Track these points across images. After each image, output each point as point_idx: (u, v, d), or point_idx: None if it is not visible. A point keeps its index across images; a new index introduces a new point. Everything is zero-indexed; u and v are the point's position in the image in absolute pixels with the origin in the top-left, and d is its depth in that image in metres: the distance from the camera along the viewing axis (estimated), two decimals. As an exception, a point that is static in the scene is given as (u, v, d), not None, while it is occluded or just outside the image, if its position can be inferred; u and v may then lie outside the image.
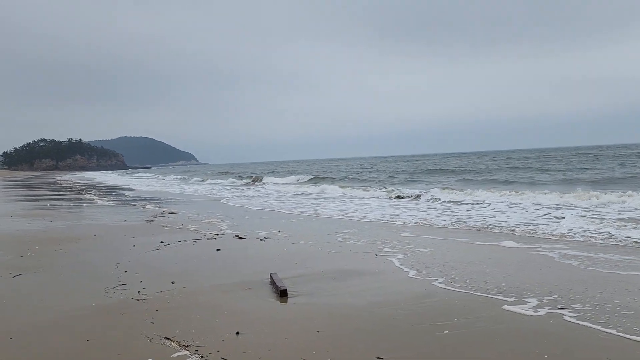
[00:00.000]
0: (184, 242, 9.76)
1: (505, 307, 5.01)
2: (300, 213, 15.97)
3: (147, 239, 10.11)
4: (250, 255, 8.29)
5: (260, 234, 10.94)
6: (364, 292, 5.71)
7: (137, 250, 8.81)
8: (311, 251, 8.63)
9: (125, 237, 10.54)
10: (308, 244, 9.37)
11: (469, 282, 6.07)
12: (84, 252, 8.61)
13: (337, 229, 11.47)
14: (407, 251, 8.33)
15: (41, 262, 7.71)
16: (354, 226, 12.02)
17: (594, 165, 35.88)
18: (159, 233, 11.12)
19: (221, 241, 9.91)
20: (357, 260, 7.72)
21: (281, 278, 6.24)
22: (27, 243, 9.60)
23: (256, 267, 7.21)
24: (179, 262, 7.67)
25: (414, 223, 12.40)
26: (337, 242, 9.53)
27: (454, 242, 9.25)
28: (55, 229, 11.93)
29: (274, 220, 13.79)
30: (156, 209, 17.67)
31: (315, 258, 7.96)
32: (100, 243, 9.71)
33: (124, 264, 7.54)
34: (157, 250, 8.77)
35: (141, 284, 6.16)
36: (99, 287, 6.03)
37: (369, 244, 9.26)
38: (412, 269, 6.91)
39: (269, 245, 9.34)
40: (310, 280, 6.35)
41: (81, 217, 14.93)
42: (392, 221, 12.91)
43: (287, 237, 10.44)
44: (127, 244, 9.54)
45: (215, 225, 12.52)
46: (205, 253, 8.51)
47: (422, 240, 9.48)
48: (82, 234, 10.90)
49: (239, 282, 6.27)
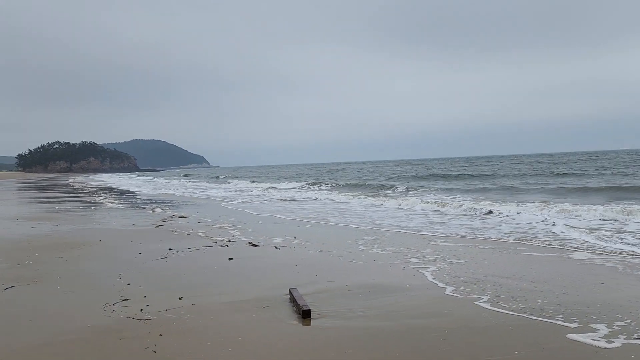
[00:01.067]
0: (194, 249, 9.08)
1: (570, 337, 4.22)
2: (318, 219, 15.24)
3: (155, 246, 9.45)
4: (265, 266, 7.58)
5: (275, 240, 10.23)
6: (399, 313, 4.96)
7: (143, 258, 8.15)
8: (332, 261, 7.89)
9: (131, 243, 9.90)
10: (327, 253, 8.63)
11: (518, 302, 5.29)
12: (86, 261, 7.96)
13: (358, 236, 10.72)
14: (439, 262, 7.56)
15: (39, 271, 7.07)
16: (375, 233, 11.26)
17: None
18: (168, 239, 10.46)
19: (233, 249, 9.22)
20: (384, 273, 6.96)
21: (302, 294, 5.51)
22: (28, 249, 8.99)
23: (273, 280, 6.49)
24: (188, 274, 6.97)
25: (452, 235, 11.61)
26: (359, 251, 8.79)
27: (490, 252, 8.44)
28: (59, 233, 11.34)
29: (288, 226, 13.08)
30: (166, 213, 17.07)
31: (336, 269, 7.22)
32: (105, 250, 9.06)
33: (127, 274, 6.86)
34: (164, 259, 8.09)
35: (145, 300, 5.47)
36: (97, 303, 5.35)
37: (395, 253, 8.49)
38: (448, 284, 6.14)
39: (285, 254, 8.62)
40: (334, 297, 5.62)
41: (88, 221, 14.35)
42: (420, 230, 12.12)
43: (304, 244, 9.72)
44: (133, 251, 8.88)
45: (227, 231, 11.84)
46: (217, 262, 7.81)
47: (453, 250, 8.69)
48: (86, 240, 10.27)
49: (254, 299, 5.55)
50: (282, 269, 7.32)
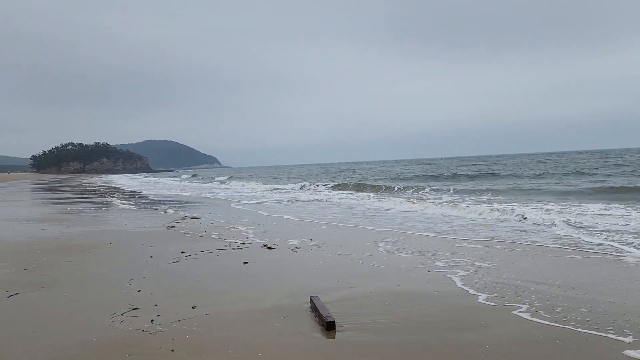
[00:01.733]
0: (207, 252, 8.73)
1: (627, 353, 3.77)
2: (333, 220, 14.83)
3: (167, 248, 9.12)
4: (282, 270, 7.19)
5: (291, 243, 9.84)
6: (431, 326, 4.54)
7: (155, 262, 7.81)
8: (351, 265, 7.48)
9: (143, 245, 9.57)
10: (346, 256, 8.22)
11: (560, 311, 4.84)
12: (95, 265, 7.64)
13: (376, 238, 10.29)
14: (466, 266, 7.11)
15: (45, 277, 6.75)
16: (394, 235, 10.81)
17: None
18: (180, 241, 10.13)
19: (248, 252, 8.85)
20: (408, 278, 6.54)
21: (323, 302, 5.12)
22: (36, 253, 8.70)
23: (291, 286, 6.10)
24: (201, 279, 6.61)
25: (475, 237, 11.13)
26: (380, 254, 8.36)
27: (522, 255, 7.96)
28: (70, 235, 11.06)
29: (303, 227, 12.68)
30: (178, 214, 16.78)
31: (357, 274, 6.81)
32: (115, 253, 8.74)
33: (138, 279, 6.52)
34: (176, 263, 7.74)
35: (156, 309, 5.11)
36: (105, 313, 5.00)
37: (418, 256, 8.06)
38: (479, 291, 5.70)
39: (302, 257, 8.23)
40: (358, 306, 5.21)
41: (99, 222, 14.09)
42: (437, 227, 11.66)
43: (321, 247, 9.32)
44: (145, 254, 8.55)
45: (241, 233, 11.49)
46: (231, 266, 7.44)
47: (481, 253, 8.23)
48: (97, 242, 9.97)
49: (272, 308, 5.16)
50: (300, 273, 6.93)
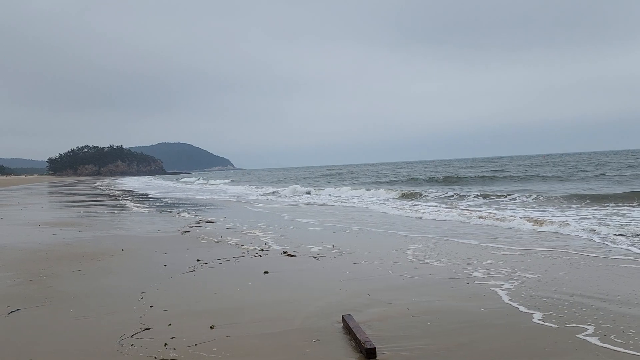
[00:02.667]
0: (224, 260, 8.18)
1: None
2: (353, 223, 14.22)
3: (181, 256, 8.59)
4: (306, 282, 6.60)
5: (312, 249, 9.26)
6: (488, 352, 3.91)
7: (169, 271, 7.27)
8: (381, 276, 6.86)
9: (156, 252, 9.06)
10: (374, 265, 7.61)
11: (634, 335, 4.18)
12: (105, 275, 7.12)
13: (402, 244, 9.66)
14: (509, 277, 6.45)
15: (51, 289, 6.25)
16: (421, 240, 10.15)
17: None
18: (195, 247, 9.60)
19: (267, 259, 8.28)
20: (446, 292, 5.90)
21: (358, 322, 4.52)
22: (44, 261, 8.23)
23: (319, 301, 5.50)
24: (219, 292, 6.05)
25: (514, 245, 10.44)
26: (409, 263, 7.74)
27: (571, 265, 7.27)
28: (81, 241, 10.60)
29: (323, 232, 12.09)
30: (192, 217, 16.30)
31: (389, 287, 6.19)
32: (127, 261, 8.24)
33: (151, 292, 5.98)
34: (191, 273, 7.20)
35: (170, 330, 4.55)
36: (113, 334, 4.45)
37: (451, 265, 7.42)
38: (532, 309, 5.05)
39: (326, 266, 7.64)
40: (397, 327, 4.60)
41: (112, 227, 13.65)
42: (462, 233, 10.98)
43: (345, 254, 8.72)
44: (158, 262, 8.03)
45: (259, 238, 10.93)
46: (251, 277, 6.88)
47: (521, 261, 7.55)
48: (108, 249, 9.49)
49: (301, 329, 4.57)
50: (327, 285, 6.33)
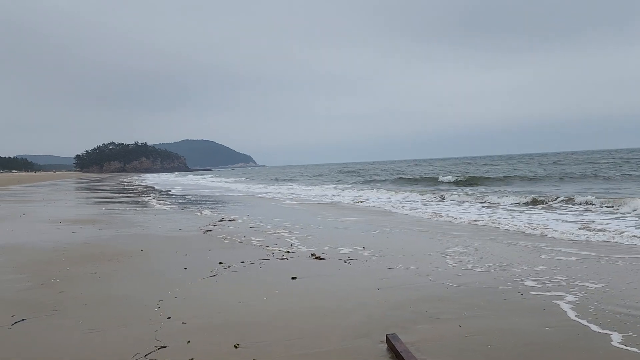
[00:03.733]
0: (248, 263, 7.61)
1: None
2: (383, 224, 13.54)
3: (203, 257, 8.06)
4: (338, 290, 5.96)
5: (342, 252, 8.63)
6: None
7: (189, 276, 6.73)
8: (422, 284, 6.18)
9: (176, 253, 8.55)
10: (411, 271, 6.94)
11: None
12: (121, 279, 6.62)
13: (439, 246, 8.94)
14: (569, 288, 5.70)
15: (62, 295, 5.76)
16: (459, 242, 9.41)
17: None
18: (217, 248, 9.07)
19: (294, 262, 7.69)
20: (500, 304, 5.20)
21: (405, 343, 3.87)
22: (59, 262, 7.79)
23: (356, 315, 4.87)
24: (244, 301, 5.46)
25: (535, 239, 9.63)
26: (450, 268, 7.04)
27: (636, 271, 6.47)
28: (99, 240, 10.18)
29: (351, 232, 11.44)
30: (214, 215, 15.84)
31: (433, 298, 5.52)
32: (145, 263, 7.74)
33: (168, 301, 5.44)
34: (213, 277, 6.64)
35: (188, 348, 3.98)
36: (125, 353, 3.90)
37: (498, 271, 6.69)
38: (606, 328, 4.32)
39: (358, 271, 6.99)
40: (452, 350, 3.93)
41: (133, 225, 13.25)
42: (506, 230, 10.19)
43: (377, 257, 8.06)
44: (178, 265, 7.50)
45: (284, 239, 10.35)
46: (277, 283, 6.28)
47: (579, 266, 6.77)
48: (127, 249, 9.03)
49: (339, 350, 3.94)
50: (363, 294, 5.69)
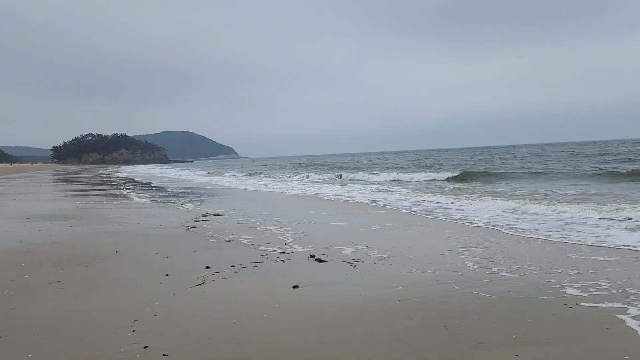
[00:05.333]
0: (240, 267, 6.62)
1: None
2: (381, 218, 12.64)
3: (187, 261, 7.05)
4: (351, 302, 5.02)
5: (344, 252, 7.70)
6: None
7: (172, 284, 5.72)
8: (447, 293, 5.28)
9: (156, 255, 7.52)
10: (428, 275, 6.04)
11: None
12: (89, 290, 5.57)
13: (451, 244, 8.06)
14: (622, 296, 4.85)
15: (14, 313, 4.69)
16: (476, 237, 8.54)
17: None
18: (203, 249, 8.06)
19: (292, 266, 6.73)
20: (549, 321, 4.33)
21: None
22: (18, 267, 6.68)
23: (382, 338, 3.93)
24: (239, 321, 4.48)
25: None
26: (472, 273, 6.16)
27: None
28: (70, 240, 9.06)
29: (349, 228, 10.51)
30: (198, 209, 14.75)
31: (468, 312, 4.62)
32: (120, 268, 6.69)
33: (146, 321, 4.43)
34: (200, 287, 5.64)
35: (171, 396, 3.00)
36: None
37: (529, 275, 5.83)
38: (698, 356, 3.47)
39: (368, 277, 6.06)
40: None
41: (108, 221, 12.11)
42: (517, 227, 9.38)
43: (385, 258, 7.16)
44: (158, 270, 6.47)
45: (276, 236, 9.38)
46: (277, 294, 5.31)
47: (619, 267, 5.93)
48: (100, 250, 7.95)
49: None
50: (382, 309, 4.75)
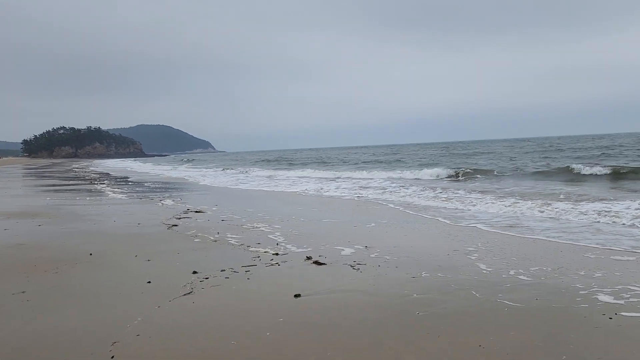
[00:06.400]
0: (231, 272, 5.92)
1: None
2: (375, 215, 12.06)
3: (171, 264, 6.32)
4: (363, 315, 4.38)
5: (343, 253, 7.06)
6: None
7: (155, 294, 4.99)
8: (470, 304, 4.69)
9: (136, 258, 6.76)
10: (442, 281, 5.45)
11: None
12: (59, 302, 4.80)
13: (457, 244, 7.50)
14: (673, 310, 4.34)
15: (-34, 334, 3.93)
16: (472, 235, 8.01)
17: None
18: (188, 250, 7.33)
19: (288, 269, 6.06)
20: (595, 338, 3.78)
21: None
22: (-24, 274, 5.85)
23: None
24: (238, 342, 3.80)
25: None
26: (489, 277, 5.60)
27: None
28: (38, 241, 8.20)
29: (345, 226, 9.87)
30: (178, 205, 13.93)
31: (500, 327, 4.04)
32: (95, 274, 5.91)
33: (128, 342, 3.72)
34: (189, 297, 4.93)
35: None
36: None
37: (551, 279, 5.29)
38: None
39: (376, 283, 5.43)
40: None
41: (81, 219, 11.22)
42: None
43: (389, 260, 6.55)
44: (139, 276, 5.73)
45: (265, 235, 8.69)
46: (278, 305, 4.64)
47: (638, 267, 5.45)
48: (72, 253, 7.13)
49: None
50: (403, 324, 4.12)
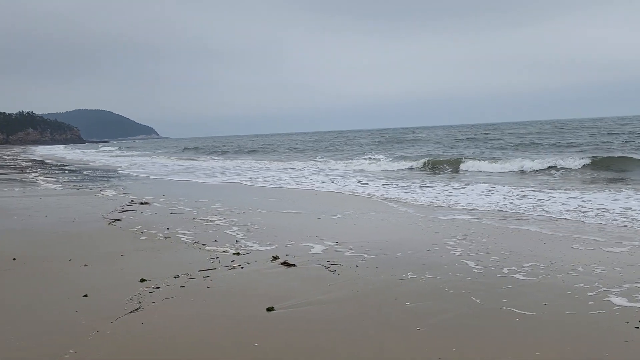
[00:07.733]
0: (187, 278, 5.04)
1: None
2: (333, 204, 11.38)
3: (113, 270, 5.35)
4: (358, 333, 3.67)
5: (313, 250, 6.32)
6: None
7: (93, 312, 4.05)
8: (471, 312, 4.09)
9: (70, 263, 5.72)
10: (431, 282, 4.83)
11: None
12: (-34, 328, 3.77)
13: (431, 235, 6.93)
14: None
15: None
16: (444, 223, 7.48)
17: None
18: (133, 250, 6.35)
19: (254, 272, 5.26)
20: (620, 348, 3.26)
21: None
22: None
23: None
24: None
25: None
26: (482, 276, 5.04)
27: None
28: (-51, 242, 6.92)
29: (305, 217, 9.12)
30: (120, 196, 12.67)
31: (513, 344, 3.45)
32: (17, 286, 4.85)
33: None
34: (136, 315, 4.02)
35: None
36: None
37: (551, 278, 4.78)
38: None
39: (356, 288, 4.73)
40: None
41: (7, 214, 9.82)
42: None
43: (367, 258, 5.86)
44: (73, 288, 4.73)
45: (222, 230, 7.81)
46: (247, 325, 3.83)
47: (635, 259, 5.06)
48: (-10, 257, 5.98)
49: None
50: (402, 343, 3.45)
